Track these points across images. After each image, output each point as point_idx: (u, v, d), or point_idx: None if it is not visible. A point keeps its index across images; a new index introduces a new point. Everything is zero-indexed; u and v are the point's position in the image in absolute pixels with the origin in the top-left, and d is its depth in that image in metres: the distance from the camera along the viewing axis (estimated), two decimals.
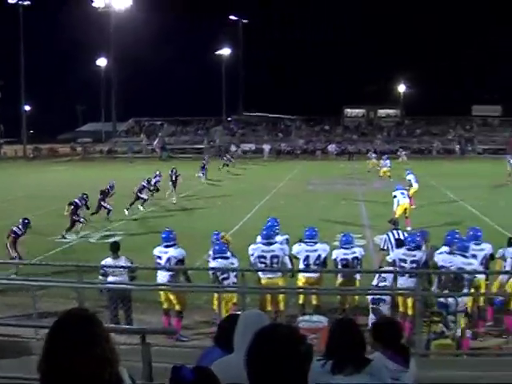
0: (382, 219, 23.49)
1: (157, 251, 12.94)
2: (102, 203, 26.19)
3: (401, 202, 23.21)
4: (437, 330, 10.20)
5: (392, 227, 15.54)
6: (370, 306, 10.91)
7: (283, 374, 2.70)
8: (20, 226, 18.12)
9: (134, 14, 79.01)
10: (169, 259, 12.73)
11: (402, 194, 23.73)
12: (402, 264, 11.90)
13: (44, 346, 2.74)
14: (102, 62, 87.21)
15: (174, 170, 33.55)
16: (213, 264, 12.19)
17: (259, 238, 12.99)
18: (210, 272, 12.32)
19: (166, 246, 12.89)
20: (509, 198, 31.84)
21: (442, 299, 10.47)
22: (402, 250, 12.26)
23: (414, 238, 12.40)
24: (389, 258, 12.83)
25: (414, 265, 11.72)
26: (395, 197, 23.66)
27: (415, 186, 28.12)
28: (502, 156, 56.11)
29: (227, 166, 51.97)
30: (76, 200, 23.92)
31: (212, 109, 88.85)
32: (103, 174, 50.71)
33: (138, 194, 28.88)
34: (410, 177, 28.46)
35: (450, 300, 10.37)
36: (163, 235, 13.20)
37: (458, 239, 12.11)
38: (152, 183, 31.45)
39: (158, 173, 33.89)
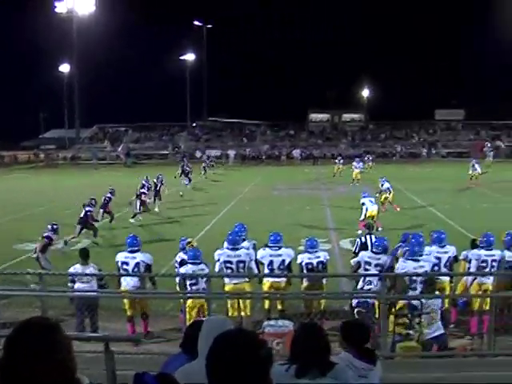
0: (347, 223, 23.66)
1: (121, 257, 12.85)
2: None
3: (369, 209, 23.24)
4: (402, 332, 10.26)
5: (366, 231, 15.70)
6: (356, 309, 10.87)
7: (243, 378, 2.69)
8: (50, 232, 17.99)
9: (97, 19, 78.41)
10: (137, 264, 12.67)
11: (371, 201, 23.79)
12: (367, 267, 12.00)
13: (2, 355, 2.71)
14: (64, 68, 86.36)
15: (161, 177, 32.64)
16: (182, 270, 12.16)
17: (226, 244, 12.98)
18: (177, 278, 12.29)
19: (132, 251, 12.82)
20: (473, 201, 32.28)
21: (415, 302, 10.54)
22: (368, 253, 12.36)
23: (381, 242, 12.51)
24: (352, 262, 12.91)
25: (379, 268, 11.81)
26: (363, 204, 23.68)
27: (391, 191, 28.71)
28: (466, 159, 56.83)
29: (205, 171, 50.85)
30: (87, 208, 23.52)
31: (176, 114, 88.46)
32: (67, 181, 50.44)
33: (139, 203, 28.39)
34: (387, 185, 28.69)
35: (415, 302, 10.46)
36: (128, 240, 13.13)
37: (407, 245, 12.29)
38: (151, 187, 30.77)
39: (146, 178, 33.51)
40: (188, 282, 11.78)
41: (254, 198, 35.32)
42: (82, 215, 23.06)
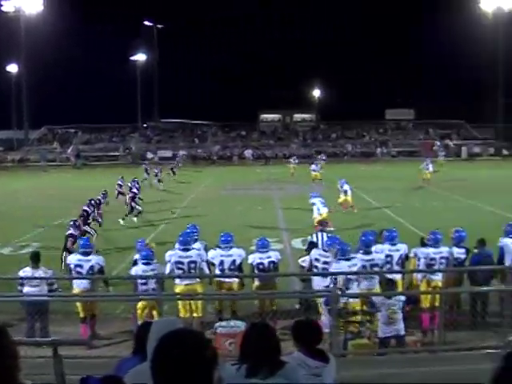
0: (299, 223, 23.75)
1: (74, 259, 12.73)
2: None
3: (321, 211, 23.21)
4: (353, 330, 10.34)
5: (320, 228, 15.84)
6: (324, 307, 10.82)
7: (187, 378, 2.66)
8: (73, 229, 18.04)
9: (45, 19, 77.21)
10: (92, 267, 12.57)
11: (322, 202, 23.81)
12: (316, 264, 12.11)
13: None
14: (12, 68, 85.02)
15: (137, 180, 32.20)
16: (134, 270, 12.10)
17: (177, 245, 12.92)
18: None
19: (85, 254, 12.70)
20: (423, 200, 32.77)
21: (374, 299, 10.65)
22: (319, 251, 12.46)
23: (332, 241, 12.67)
24: (300, 261, 12.96)
25: (326, 266, 11.91)
26: (314, 204, 23.71)
27: (349, 193, 28.94)
28: (417, 158, 57.60)
29: (174, 173, 50.41)
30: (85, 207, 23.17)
31: (127, 116, 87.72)
32: (15, 184, 49.68)
33: (132, 205, 28.15)
34: (346, 186, 28.90)
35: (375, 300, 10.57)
36: (81, 242, 13.03)
37: (339, 244, 12.44)
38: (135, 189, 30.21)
39: (121, 178, 33.06)
40: (139, 282, 11.74)
41: (205, 199, 35.24)
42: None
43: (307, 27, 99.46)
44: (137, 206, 28.25)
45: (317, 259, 12.20)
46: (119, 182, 32.30)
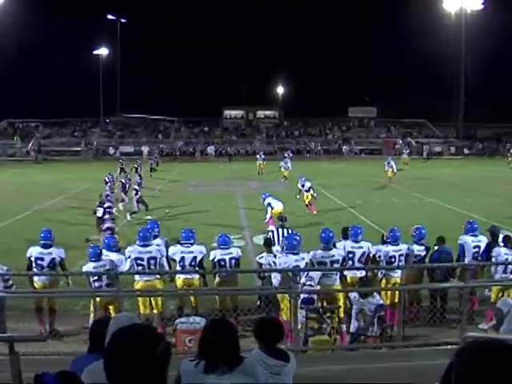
0: (261, 220, 23.76)
1: (35, 252, 12.61)
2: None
3: (276, 208, 23.09)
4: (314, 326, 10.39)
5: (279, 223, 15.91)
6: (301, 305, 10.77)
7: (140, 374, 2.65)
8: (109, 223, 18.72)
9: (5, 10, 76.07)
10: (53, 260, 12.52)
11: (275, 198, 23.79)
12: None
13: None
14: None
15: (129, 176, 31.91)
16: (85, 267, 12.07)
17: (137, 241, 12.86)
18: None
19: (46, 246, 12.61)
20: (384, 197, 33.11)
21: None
22: (275, 247, 12.58)
23: (291, 239, 12.76)
24: (258, 258, 12.97)
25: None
26: (269, 204, 23.54)
27: (311, 192, 28.23)
28: (379, 156, 57.96)
29: (155, 170, 49.61)
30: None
31: (89, 110, 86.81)
32: None
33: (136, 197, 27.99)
34: (308, 184, 28.33)
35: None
36: (42, 235, 12.89)
37: (286, 238, 12.67)
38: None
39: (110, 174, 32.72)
40: (91, 279, 11.72)
41: (168, 195, 35.08)
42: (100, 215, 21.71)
43: (270, 24, 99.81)
44: (136, 205, 28.03)
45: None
46: (107, 179, 31.49)
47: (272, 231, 15.45)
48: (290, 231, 15.12)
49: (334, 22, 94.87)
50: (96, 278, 11.65)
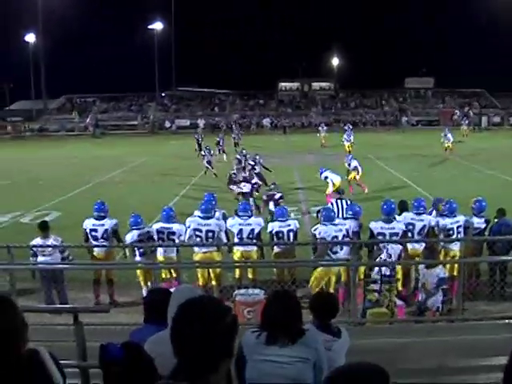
0: (318, 192, 23.67)
1: (89, 224, 12.87)
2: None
3: (335, 181, 23.05)
4: (372, 298, 10.34)
5: (337, 196, 15.91)
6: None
7: (208, 346, 2.66)
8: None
9: None
10: (106, 230, 12.74)
11: (333, 172, 23.62)
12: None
13: None
14: (30, 37, 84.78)
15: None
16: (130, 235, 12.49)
17: (197, 212, 12.94)
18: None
19: (100, 218, 12.84)
20: (443, 170, 32.65)
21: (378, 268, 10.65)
22: (337, 220, 12.50)
23: (352, 208, 12.79)
24: (313, 230, 12.89)
25: (344, 233, 11.91)
26: (327, 178, 23.43)
27: (359, 170, 26.56)
28: (437, 127, 56.91)
29: (237, 144, 47.00)
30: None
31: (145, 84, 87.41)
32: (36, 153, 49.99)
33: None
34: (355, 163, 26.65)
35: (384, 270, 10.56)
36: (96, 206, 13.10)
37: (323, 209, 12.65)
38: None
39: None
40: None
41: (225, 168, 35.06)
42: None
43: None
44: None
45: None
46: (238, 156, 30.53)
47: (331, 203, 15.39)
48: (348, 202, 15.07)
49: None
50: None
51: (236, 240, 12.56)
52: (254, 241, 12.46)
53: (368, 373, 2.58)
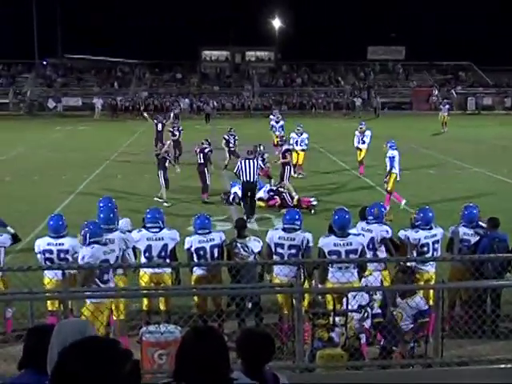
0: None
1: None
2: None
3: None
4: (323, 336, 10.37)
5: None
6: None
7: None
8: None
9: None
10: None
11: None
12: (278, 249, 12.13)
13: None
14: None
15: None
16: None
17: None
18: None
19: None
20: (416, 167, 33.18)
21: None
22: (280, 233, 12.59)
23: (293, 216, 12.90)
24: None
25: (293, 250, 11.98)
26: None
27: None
28: (409, 112, 57.27)
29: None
30: None
31: (19, 49, 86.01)
32: None
33: None
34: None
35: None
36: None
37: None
38: None
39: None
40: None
41: (126, 164, 34.84)
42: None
43: None
44: None
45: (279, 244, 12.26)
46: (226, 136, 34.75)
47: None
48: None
49: None
50: None
51: (143, 260, 12.43)
52: (168, 260, 12.36)
53: None
